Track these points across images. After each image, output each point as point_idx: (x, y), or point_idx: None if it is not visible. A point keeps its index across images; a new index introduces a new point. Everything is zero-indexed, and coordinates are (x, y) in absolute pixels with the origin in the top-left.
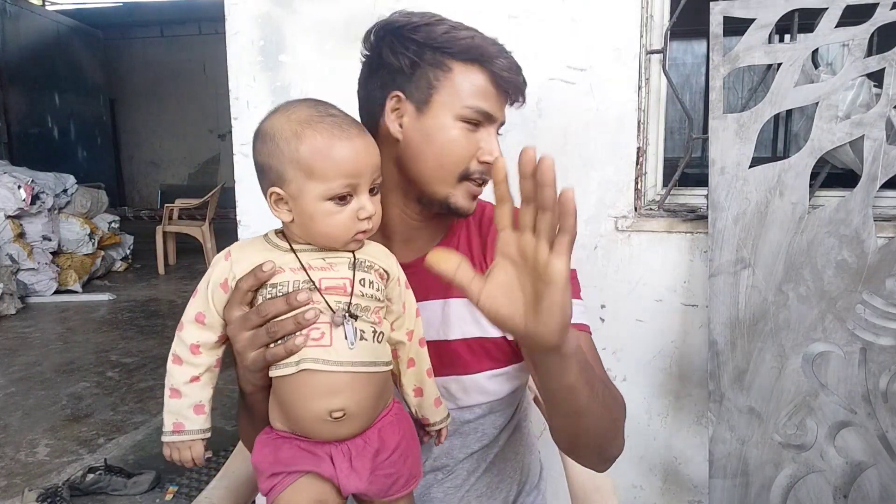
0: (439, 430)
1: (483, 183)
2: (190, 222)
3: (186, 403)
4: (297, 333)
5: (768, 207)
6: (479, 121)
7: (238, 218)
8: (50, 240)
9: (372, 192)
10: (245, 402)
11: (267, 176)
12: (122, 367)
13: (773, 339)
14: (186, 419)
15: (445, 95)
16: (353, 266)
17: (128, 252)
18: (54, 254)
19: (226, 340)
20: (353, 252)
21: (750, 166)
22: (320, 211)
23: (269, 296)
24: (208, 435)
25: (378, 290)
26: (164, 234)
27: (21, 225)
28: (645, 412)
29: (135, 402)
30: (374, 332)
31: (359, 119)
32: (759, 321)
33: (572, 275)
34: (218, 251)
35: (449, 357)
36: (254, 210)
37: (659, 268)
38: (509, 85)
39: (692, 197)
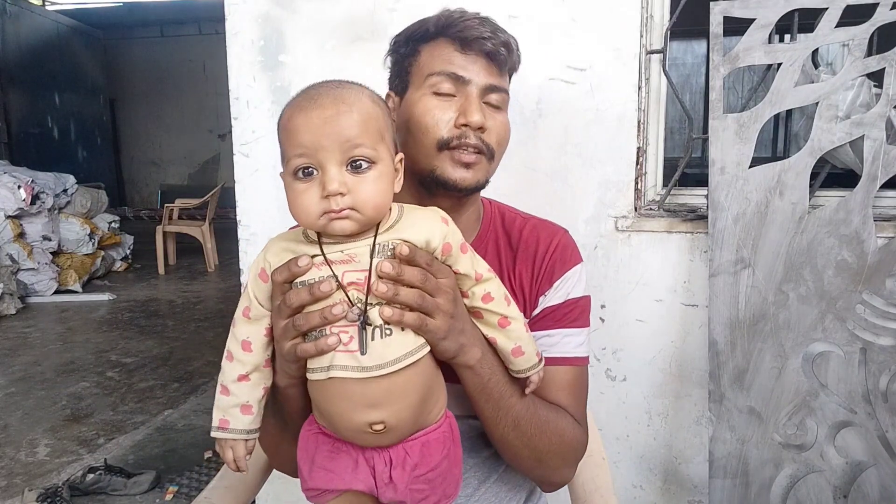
0: (528, 378)
1: (470, 149)
2: (190, 222)
3: (233, 402)
4: (329, 332)
5: (768, 207)
6: (449, 86)
7: (238, 218)
8: (50, 240)
9: (355, 166)
10: (278, 399)
11: None
12: (122, 367)
13: (773, 339)
14: (232, 417)
15: (415, 75)
16: (372, 253)
17: (128, 252)
18: (54, 254)
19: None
20: (374, 236)
21: (750, 166)
22: (292, 189)
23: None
24: (255, 436)
25: None
26: (164, 234)
27: (21, 225)
28: (645, 412)
29: (135, 402)
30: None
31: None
32: (759, 321)
33: (585, 302)
34: (218, 251)
35: None
36: (254, 210)
37: (659, 268)
38: (476, 42)
39: (692, 197)
